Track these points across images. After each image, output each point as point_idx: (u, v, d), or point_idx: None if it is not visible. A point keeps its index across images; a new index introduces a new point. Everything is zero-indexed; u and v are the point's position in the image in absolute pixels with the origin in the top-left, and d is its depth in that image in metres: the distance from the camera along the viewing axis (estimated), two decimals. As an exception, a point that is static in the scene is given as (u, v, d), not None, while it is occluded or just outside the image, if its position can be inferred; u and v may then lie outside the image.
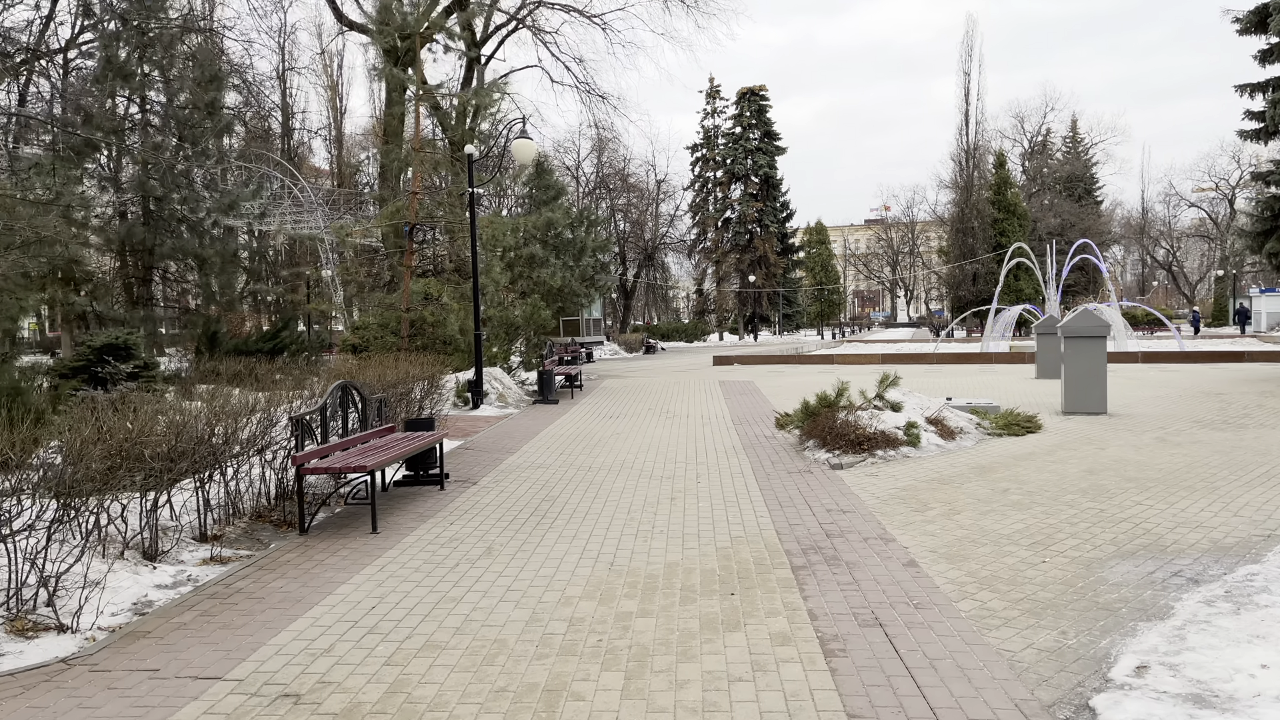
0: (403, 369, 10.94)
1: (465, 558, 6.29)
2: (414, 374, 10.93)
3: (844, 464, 9.62)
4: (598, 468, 9.98)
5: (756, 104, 73.12)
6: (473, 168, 15.98)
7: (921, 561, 5.97)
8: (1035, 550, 6.22)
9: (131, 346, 15.30)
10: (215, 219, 22.24)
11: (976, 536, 6.61)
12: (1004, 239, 63.10)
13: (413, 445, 8.16)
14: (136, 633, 4.89)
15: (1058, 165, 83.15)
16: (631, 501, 8.09)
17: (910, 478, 8.93)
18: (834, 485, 8.62)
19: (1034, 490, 8.20)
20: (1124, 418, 13.27)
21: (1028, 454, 10.23)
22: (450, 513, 7.76)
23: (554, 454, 11.08)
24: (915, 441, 10.46)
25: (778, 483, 8.82)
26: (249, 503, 7.63)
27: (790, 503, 7.88)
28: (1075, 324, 13.92)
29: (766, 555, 6.19)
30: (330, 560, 6.29)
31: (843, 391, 10.82)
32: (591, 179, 59.79)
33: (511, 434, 13.07)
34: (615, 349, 46.44)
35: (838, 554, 6.17)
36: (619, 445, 11.73)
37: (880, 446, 10.18)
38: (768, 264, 71.71)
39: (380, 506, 7.99)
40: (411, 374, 10.96)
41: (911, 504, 7.73)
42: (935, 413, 11.51)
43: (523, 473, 9.74)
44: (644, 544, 6.56)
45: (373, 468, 6.89)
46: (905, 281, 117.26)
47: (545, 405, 16.97)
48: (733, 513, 7.54)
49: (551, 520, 7.40)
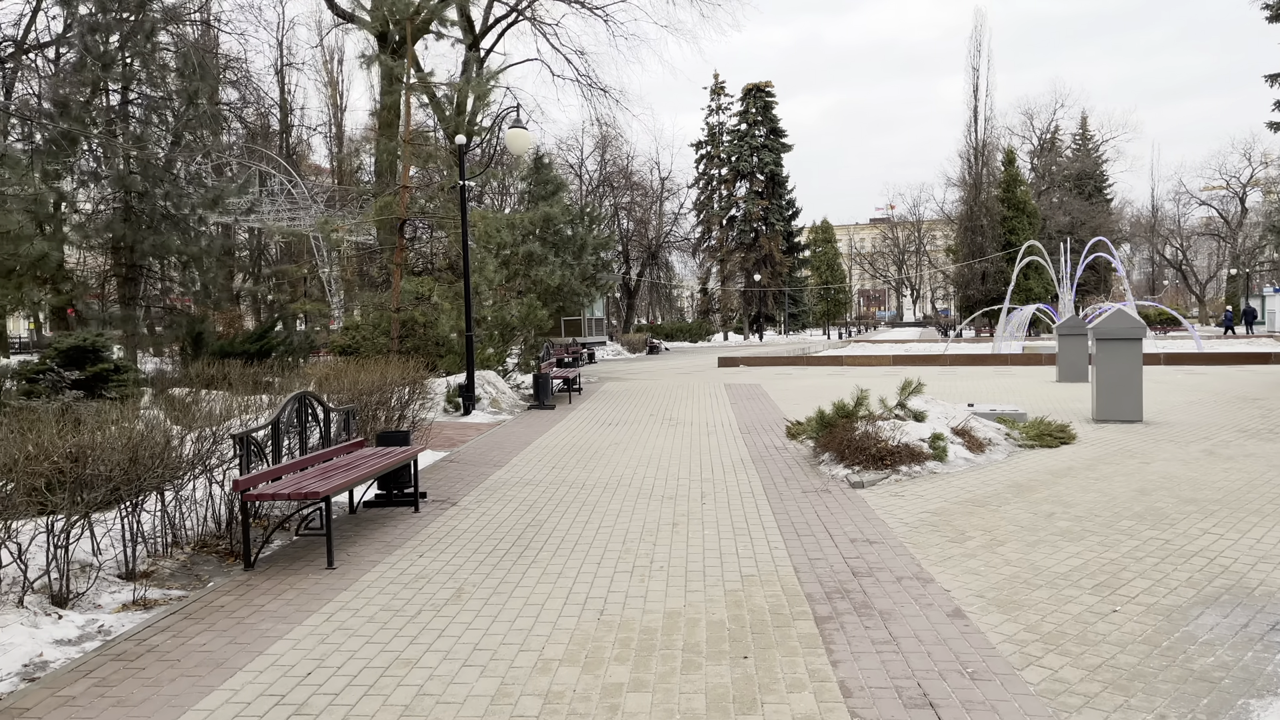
0: (379, 374, 10.01)
1: (430, 603, 5.36)
2: (393, 380, 10.01)
3: (865, 482, 8.67)
4: (592, 485, 9.05)
5: (762, 100, 72.12)
6: (464, 159, 15.05)
7: (969, 610, 5.03)
8: (1101, 595, 5.27)
9: (101, 349, 14.38)
10: (201, 215, 21.32)
11: (1028, 575, 5.67)
12: (1013, 237, 62.11)
13: (381, 463, 7.23)
14: (11, 710, 3.96)
15: (1067, 163, 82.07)
16: (628, 528, 7.15)
17: (940, 498, 7.98)
18: (856, 508, 7.67)
19: (1082, 515, 7.24)
20: (1161, 426, 12.30)
21: (1066, 469, 9.28)
22: (421, 542, 6.82)
23: (545, 468, 10.14)
24: (942, 455, 9.51)
25: (792, 505, 7.88)
26: (194, 529, 6.71)
27: (808, 530, 6.94)
28: (1109, 325, 12.95)
29: (784, 601, 5.25)
30: (271, 605, 5.36)
31: (862, 400, 9.86)
32: (595, 177, 58.86)
33: (502, 444, 12.14)
34: (618, 349, 45.51)
35: (869, 600, 5.23)
36: (617, 458, 10.79)
37: (904, 461, 9.23)
38: (773, 263, 70.72)
39: (344, 533, 7.06)
40: (390, 380, 10.04)
41: (946, 532, 6.78)
42: (962, 423, 10.55)
43: (509, 491, 8.81)
44: (640, 585, 5.62)
45: (326, 494, 5.96)
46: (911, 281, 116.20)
47: (541, 411, 16.04)
48: (743, 543, 6.59)
49: (535, 552, 6.46)
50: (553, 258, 22.26)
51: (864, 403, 9.87)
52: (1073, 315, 20.05)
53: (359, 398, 10.10)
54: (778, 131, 72.48)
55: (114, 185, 20.39)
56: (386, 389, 10.08)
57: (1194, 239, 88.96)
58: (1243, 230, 79.07)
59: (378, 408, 10.26)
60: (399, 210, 17.76)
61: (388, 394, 10.23)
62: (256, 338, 22.18)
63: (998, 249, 62.59)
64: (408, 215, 17.73)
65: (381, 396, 10.41)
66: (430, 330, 17.29)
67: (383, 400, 10.27)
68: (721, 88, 72.98)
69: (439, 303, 16.05)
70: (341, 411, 7.92)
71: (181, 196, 20.62)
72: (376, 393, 9.90)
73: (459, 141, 15.21)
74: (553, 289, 22.31)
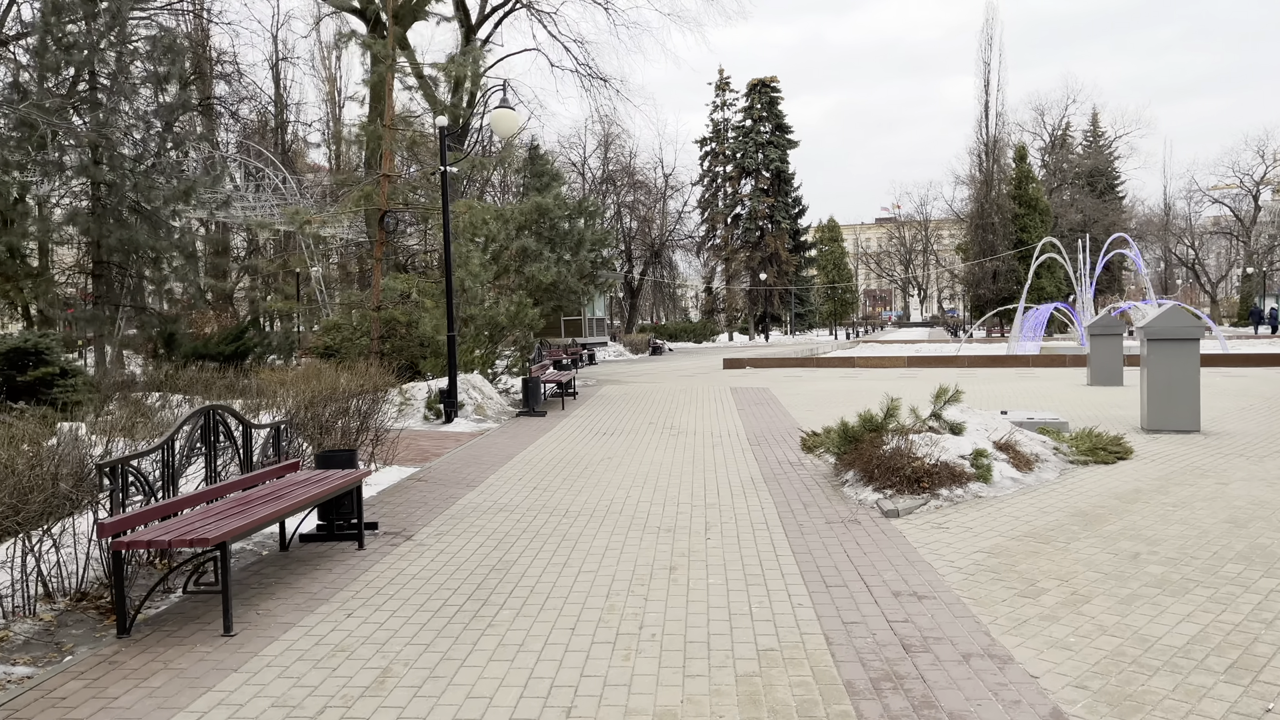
0: (331, 382, 8.67)
1: (342, 692, 4.01)
2: (348, 388, 8.66)
3: (900, 510, 7.30)
4: (576, 512, 7.69)
5: (768, 96, 70.73)
6: (445, 142, 13.71)
7: (1072, 713, 3.67)
8: (1241, 683, 3.91)
9: (43, 350, 13.08)
10: (174, 208, 20.01)
11: (1135, 650, 4.30)
12: (1025, 235, 60.67)
13: (312, 493, 5.89)
14: None
15: (1078, 159, 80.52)
16: (614, 573, 5.80)
17: (993, 531, 6.61)
18: (893, 545, 6.30)
19: (1174, 556, 5.87)
20: (1222, 437, 10.92)
21: (1133, 492, 7.90)
22: (355, 594, 5.48)
23: (525, 489, 8.79)
24: (986, 476, 8.14)
25: (815, 540, 6.51)
26: (75, 575, 5.38)
27: (838, 577, 5.58)
28: (1162, 323, 11.56)
29: (817, 694, 3.89)
30: (127, 699, 4.01)
31: (893, 411, 8.49)
32: (598, 174, 57.47)
33: (480, 458, 10.78)
34: (620, 350, 44.14)
35: (931, 694, 3.87)
36: (608, 476, 9.43)
37: (943, 483, 7.86)
38: (779, 261, 69.31)
39: (264, 580, 5.72)
40: (346, 388, 8.69)
41: (1012, 581, 5.42)
42: (1005, 436, 9.17)
43: (478, 520, 7.45)
44: (624, 665, 4.26)
45: (220, 539, 4.61)
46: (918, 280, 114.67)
47: (530, 418, 14.69)
48: (758, 597, 5.24)
49: (495, 610, 5.11)
50: (548, 253, 20.92)
51: (895, 414, 8.50)
52: (1105, 314, 18.65)
53: (312, 407, 8.78)
54: (783, 127, 71.05)
55: (78, 176, 19.09)
56: (342, 398, 8.74)
57: (1206, 237, 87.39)
58: (1257, 228, 77.51)
59: (334, 419, 8.92)
60: (379, 201, 16.43)
61: (346, 404, 8.89)
62: (233, 338, 20.90)
63: (1009, 247, 61.14)
64: (389, 206, 16.39)
65: (341, 406, 9.07)
66: (414, 330, 15.95)
67: (342, 410, 8.93)
68: (726, 83, 71.60)
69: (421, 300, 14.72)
70: (270, 428, 6.57)
71: (151, 189, 19.30)
72: (331, 402, 8.56)
73: (441, 124, 13.87)
74: (546, 286, 20.97)
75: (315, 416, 8.71)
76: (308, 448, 8.67)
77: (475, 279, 14.85)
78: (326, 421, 8.63)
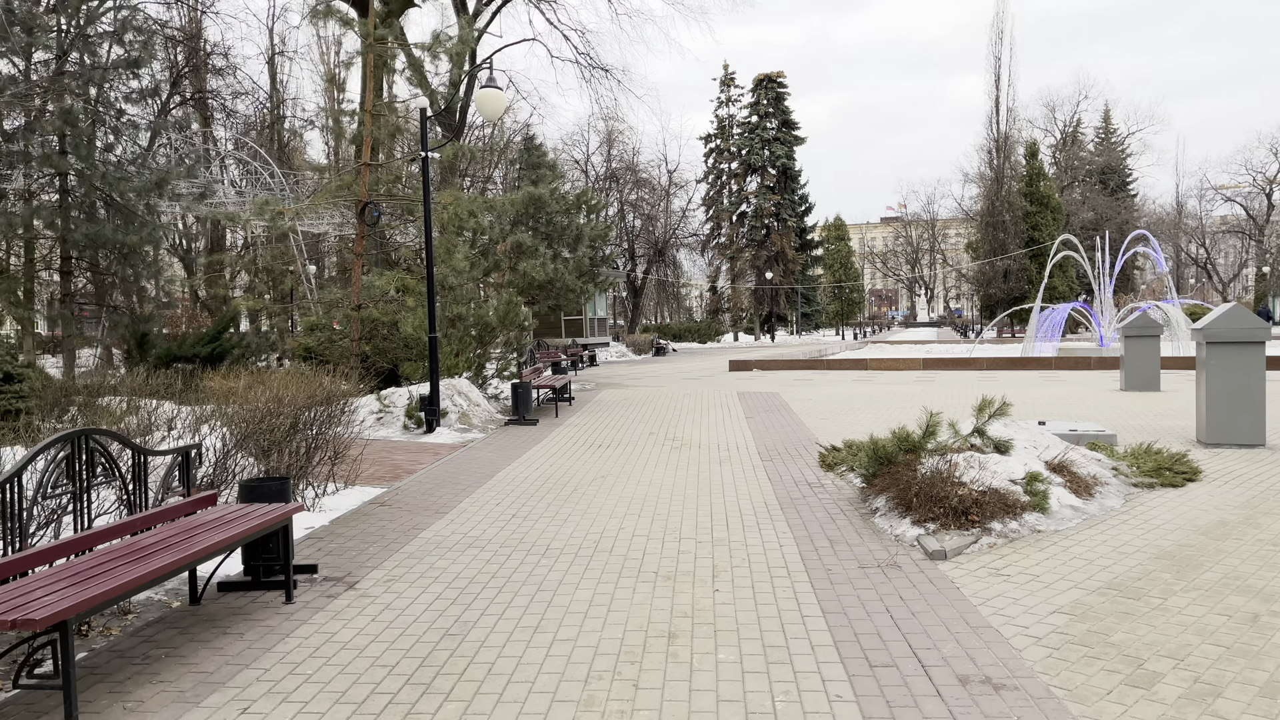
0: (277, 392, 7.45)
1: None
2: (294, 400, 7.43)
3: (948, 550, 6.06)
4: (559, 549, 6.47)
5: (774, 91, 69.43)
6: (426, 126, 12.50)
7: None
8: None
9: (-17, 354, 11.88)
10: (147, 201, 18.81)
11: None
12: (1037, 233, 59.39)
13: (220, 538, 4.67)
14: None
15: (1089, 156, 79.12)
16: (598, 643, 4.57)
17: (1066, 580, 5.39)
18: (947, 601, 5.08)
19: (1308, 619, 4.64)
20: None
21: (1217, 525, 6.67)
22: (264, 673, 4.25)
23: (502, 516, 7.57)
24: (1043, 505, 6.90)
25: (849, 593, 5.29)
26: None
27: (885, 653, 4.35)
28: (1223, 325, 10.31)
29: None
30: None
31: (933, 429, 7.25)
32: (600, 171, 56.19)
33: (458, 475, 9.57)
34: (623, 350, 42.90)
35: None
36: (600, 499, 8.21)
37: (995, 514, 6.63)
38: (785, 260, 68.00)
39: (155, 647, 4.50)
40: (293, 400, 7.46)
41: (1110, 659, 4.19)
42: (1060, 455, 7.94)
43: (441, 559, 6.24)
44: (601, 807, 3.04)
45: (51, 621, 3.38)
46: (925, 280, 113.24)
47: (520, 427, 13.47)
48: (783, 687, 4.01)
49: (437, 705, 3.89)
50: (543, 249, 19.69)
51: (935, 432, 7.25)
52: (1139, 314, 17.39)
53: (261, 422, 7.57)
54: (790, 123, 69.72)
55: (42, 167, 17.91)
56: (290, 411, 7.52)
57: (1218, 236, 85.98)
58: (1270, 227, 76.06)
59: (285, 437, 7.71)
60: (360, 191, 15.23)
61: (296, 417, 7.67)
62: (209, 339, 19.69)
63: (1020, 246, 59.82)
64: (369, 197, 15.17)
65: (288, 421, 7.85)
66: (397, 331, 14.76)
67: (289, 426, 7.72)
68: (731, 79, 70.32)
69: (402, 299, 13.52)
70: (174, 454, 5.36)
71: (121, 180, 18.11)
72: (273, 417, 7.35)
73: (422, 105, 12.66)
74: (541, 284, 19.73)
75: (254, 434, 7.50)
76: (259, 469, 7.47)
77: (460, 275, 13.63)
78: (268, 443, 7.42)
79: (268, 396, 7.32)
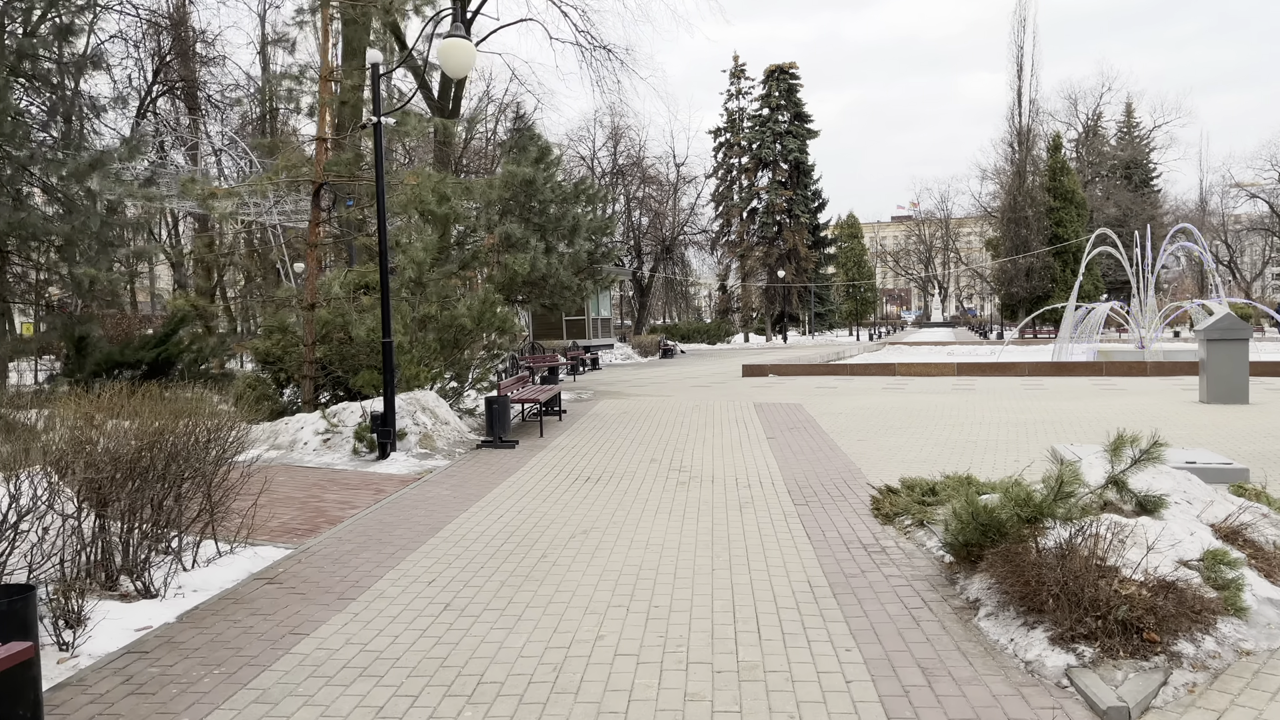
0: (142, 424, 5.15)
1: None
2: (145, 430, 5.13)
3: (1130, 701, 3.69)
4: (495, 688, 4.12)
5: (786, 83, 66.93)
6: (378, 86, 10.21)
7: None
8: None
9: None
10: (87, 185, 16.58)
11: None
12: (1061, 229, 56.89)
13: None
14: None
15: (1111, 150, 76.48)
16: None
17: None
18: None
19: None
20: None
21: None
22: None
23: (431, 607, 5.24)
24: (1237, 602, 4.55)
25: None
26: None
27: None
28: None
29: None
30: None
31: (1068, 489, 4.85)
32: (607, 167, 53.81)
33: (394, 528, 7.24)
34: (628, 352, 40.54)
35: None
36: (574, 577, 5.87)
37: (1171, 626, 4.28)
38: (798, 258, 65.48)
39: None
40: (144, 430, 5.17)
41: None
42: (1234, 517, 5.58)
43: (306, 707, 3.92)
44: None
45: None
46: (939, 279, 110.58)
47: (494, 451, 11.14)
48: None
49: None
50: (535, 241, 17.39)
51: (1071, 492, 4.86)
52: (1227, 313, 14.97)
53: (113, 464, 5.30)
54: (802, 116, 67.20)
55: (-41, 146, 15.67)
56: (138, 447, 5.23)
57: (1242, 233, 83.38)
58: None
59: (139, 486, 5.42)
60: (314, 172, 12.94)
61: (138, 458, 5.38)
62: (156, 343, 17.45)
63: (1043, 243, 57.29)
64: (324, 178, 12.88)
65: (151, 460, 5.56)
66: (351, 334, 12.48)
67: (134, 469, 5.42)
68: (741, 70, 67.81)
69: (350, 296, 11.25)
70: None
71: (51, 163, 15.88)
72: (129, 456, 5.05)
73: (375, 60, 10.37)
74: (529, 280, 17.38)
75: (90, 483, 5.22)
76: (120, 530, 5.19)
77: (419, 267, 11.36)
78: (108, 494, 5.13)
79: (133, 425, 5.02)
